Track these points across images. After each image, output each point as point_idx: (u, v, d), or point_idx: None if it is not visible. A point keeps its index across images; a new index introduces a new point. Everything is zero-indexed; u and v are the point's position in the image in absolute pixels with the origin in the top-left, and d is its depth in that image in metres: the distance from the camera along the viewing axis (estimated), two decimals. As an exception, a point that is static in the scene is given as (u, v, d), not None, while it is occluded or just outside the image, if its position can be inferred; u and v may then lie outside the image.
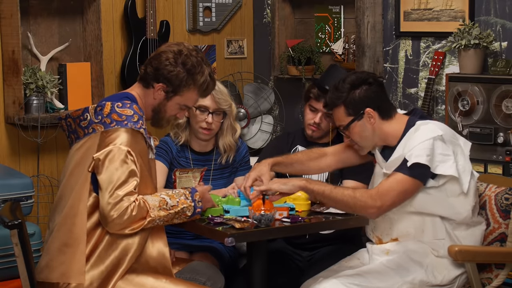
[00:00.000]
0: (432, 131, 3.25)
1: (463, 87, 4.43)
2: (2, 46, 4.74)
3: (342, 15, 5.31)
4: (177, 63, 3.26)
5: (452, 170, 3.23)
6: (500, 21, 4.50)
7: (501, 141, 4.27)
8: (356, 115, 3.33)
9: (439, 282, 3.31)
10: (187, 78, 3.28)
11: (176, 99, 3.31)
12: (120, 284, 3.15)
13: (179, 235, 3.97)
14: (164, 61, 3.26)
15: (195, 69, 3.28)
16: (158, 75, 3.27)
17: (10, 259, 3.81)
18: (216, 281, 3.65)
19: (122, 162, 3.09)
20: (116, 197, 3.06)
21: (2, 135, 4.81)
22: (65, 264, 3.12)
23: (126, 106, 3.17)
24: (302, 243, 4.05)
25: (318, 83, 4.03)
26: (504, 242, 3.42)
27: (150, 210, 3.12)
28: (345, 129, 3.37)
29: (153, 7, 5.16)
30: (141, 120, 3.18)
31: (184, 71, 3.27)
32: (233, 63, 5.79)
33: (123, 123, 3.13)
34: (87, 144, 3.18)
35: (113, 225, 3.07)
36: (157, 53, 3.31)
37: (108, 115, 3.14)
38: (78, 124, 3.21)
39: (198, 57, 3.31)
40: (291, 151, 4.11)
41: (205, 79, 3.31)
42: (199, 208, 3.28)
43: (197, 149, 4.03)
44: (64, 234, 3.15)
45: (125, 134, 3.12)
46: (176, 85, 3.28)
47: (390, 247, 3.37)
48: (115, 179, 3.07)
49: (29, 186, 4.23)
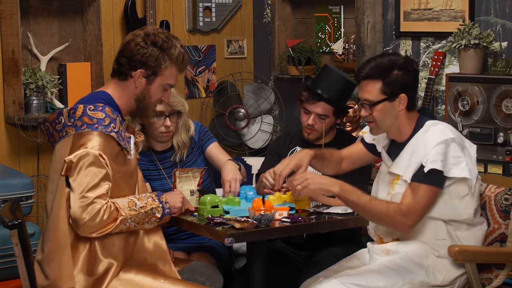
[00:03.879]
0: (443, 133, 3.24)
1: (463, 87, 4.43)
2: (2, 46, 4.74)
3: (342, 15, 5.31)
4: (148, 44, 3.24)
5: (466, 172, 3.23)
6: (500, 21, 4.50)
7: (501, 141, 4.27)
8: (391, 96, 3.28)
9: (439, 282, 3.30)
10: (162, 55, 3.26)
11: (158, 80, 3.29)
12: (118, 284, 3.14)
13: (176, 236, 3.98)
14: (135, 47, 3.25)
15: (166, 44, 3.27)
16: (133, 63, 3.25)
17: (10, 259, 3.82)
18: (215, 281, 3.65)
19: (94, 165, 3.08)
20: (88, 199, 3.05)
21: (2, 135, 4.81)
22: (55, 270, 3.14)
23: (98, 109, 3.15)
24: (299, 243, 4.04)
25: (308, 86, 4.02)
26: (504, 242, 3.42)
27: (121, 210, 3.12)
28: (373, 105, 3.30)
29: (153, 7, 5.17)
30: (113, 123, 3.16)
31: (157, 49, 3.25)
32: (233, 63, 5.79)
33: (93, 126, 3.12)
34: (61, 148, 3.17)
35: (85, 228, 3.07)
36: (125, 43, 3.30)
37: (80, 118, 3.13)
38: (54, 127, 3.21)
39: (165, 33, 3.31)
40: (289, 152, 4.11)
41: (179, 51, 3.30)
42: (167, 209, 3.27)
43: (159, 149, 4.03)
44: (51, 239, 3.16)
45: (96, 137, 3.11)
46: (154, 66, 3.26)
47: (391, 247, 3.37)
48: (86, 182, 3.06)
49: (29, 186, 4.23)
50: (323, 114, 4.00)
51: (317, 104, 3.99)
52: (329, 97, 3.97)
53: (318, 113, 4.00)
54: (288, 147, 4.15)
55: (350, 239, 3.99)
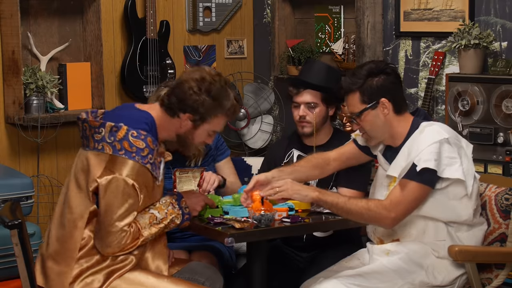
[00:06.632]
0: (438, 133, 3.24)
1: (463, 87, 4.43)
2: (2, 46, 4.74)
3: (342, 15, 5.31)
4: (202, 91, 3.19)
5: (459, 173, 3.22)
6: (500, 21, 4.50)
7: (501, 141, 4.27)
8: (371, 103, 3.30)
9: (439, 283, 3.30)
10: (213, 105, 3.21)
11: (204, 126, 3.26)
12: (120, 283, 3.16)
13: (177, 235, 3.97)
14: (188, 91, 3.19)
15: (220, 95, 3.22)
16: (183, 106, 3.20)
17: (10, 259, 3.82)
18: (215, 281, 3.64)
19: (126, 194, 3.10)
20: (117, 227, 3.10)
21: (2, 135, 4.81)
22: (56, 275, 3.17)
23: (140, 137, 3.12)
24: (299, 246, 4.04)
25: (292, 79, 4.03)
26: (504, 242, 3.42)
27: (142, 230, 3.15)
28: (357, 116, 3.33)
29: (153, 7, 5.16)
30: (150, 154, 3.14)
31: (209, 99, 3.20)
32: (233, 63, 5.79)
33: (131, 155, 3.10)
34: (93, 158, 3.15)
35: (108, 250, 3.13)
36: (179, 82, 3.23)
37: (120, 141, 3.11)
38: (92, 134, 3.17)
39: (222, 81, 3.25)
40: (286, 155, 4.10)
41: (232, 103, 3.26)
42: (187, 215, 3.29)
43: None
44: (60, 241, 3.19)
45: (132, 166, 3.11)
46: (203, 113, 3.21)
47: (391, 247, 3.37)
48: (117, 210, 3.09)
49: (29, 186, 4.23)
50: (312, 101, 3.99)
51: (303, 92, 4.00)
52: (312, 82, 3.98)
53: (306, 102, 3.99)
54: (285, 151, 4.14)
55: (350, 239, 3.99)
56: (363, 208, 3.23)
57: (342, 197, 3.30)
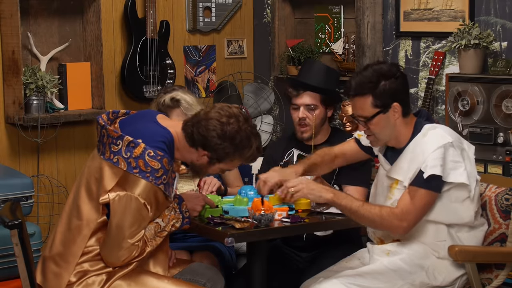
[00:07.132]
0: (442, 137, 3.23)
1: (463, 87, 4.42)
2: (2, 46, 4.74)
3: (342, 15, 5.31)
4: (225, 138, 3.15)
5: (464, 178, 3.22)
6: (500, 21, 4.50)
7: (501, 141, 4.27)
8: (383, 107, 3.25)
9: (440, 283, 3.30)
10: (233, 152, 3.20)
11: (220, 165, 3.26)
12: (121, 283, 3.17)
13: (179, 235, 3.97)
14: (212, 132, 3.14)
15: (243, 144, 3.19)
16: (204, 144, 3.17)
17: (10, 259, 3.82)
18: (216, 282, 3.64)
19: (137, 213, 3.10)
20: (127, 244, 3.11)
21: (2, 135, 4.81)
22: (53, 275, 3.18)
23: (157, 158, 3.09)
24: (299, 246, 4.04)
25: (292, 79, 4.03)
26: (504, 242, 3.42)
27: (148, 242, 3.17)
28: (368, 120, 3.27)
29: (153, 7, 5.16)
30: (165, 175, 3.11)
31: (231, 146, 3.17)
32: (233, 63, 5.79)
33: (145, 175, 3.08)
34: (106, 169, 3.13)
35: (117, 263, 3.15)
36: (207, 118, 3.18)
37: (136, 158, 3.08)
38: (110, 143, 3.14)
39: (247, 130, 3.20)
40: (285, 155, 4.10)
41: (252, 153, 3.24)
42: (187, 219, 3.30)
43: None
44: (64, 244, 3.20)
45: (144, 185, 3.09)
46: (222, 156, 3.20)
47: (391, 247, 3.37)
48: (128, 227, 3.10)
49: (29, 186, 4.23)
50: (311, 103, 3.99)
51: (302, 94, 3.99)
52: (312, 83, 3.97)
53: (306, 104, 3.99)
54: (284, 150, 4.14)
55: (350, 239, 3.99)
56: (376, 215, 3.24)
57: (356, 201, 3.29)
